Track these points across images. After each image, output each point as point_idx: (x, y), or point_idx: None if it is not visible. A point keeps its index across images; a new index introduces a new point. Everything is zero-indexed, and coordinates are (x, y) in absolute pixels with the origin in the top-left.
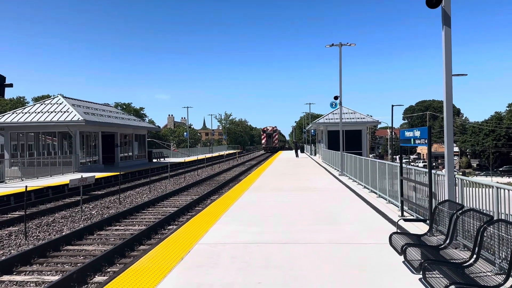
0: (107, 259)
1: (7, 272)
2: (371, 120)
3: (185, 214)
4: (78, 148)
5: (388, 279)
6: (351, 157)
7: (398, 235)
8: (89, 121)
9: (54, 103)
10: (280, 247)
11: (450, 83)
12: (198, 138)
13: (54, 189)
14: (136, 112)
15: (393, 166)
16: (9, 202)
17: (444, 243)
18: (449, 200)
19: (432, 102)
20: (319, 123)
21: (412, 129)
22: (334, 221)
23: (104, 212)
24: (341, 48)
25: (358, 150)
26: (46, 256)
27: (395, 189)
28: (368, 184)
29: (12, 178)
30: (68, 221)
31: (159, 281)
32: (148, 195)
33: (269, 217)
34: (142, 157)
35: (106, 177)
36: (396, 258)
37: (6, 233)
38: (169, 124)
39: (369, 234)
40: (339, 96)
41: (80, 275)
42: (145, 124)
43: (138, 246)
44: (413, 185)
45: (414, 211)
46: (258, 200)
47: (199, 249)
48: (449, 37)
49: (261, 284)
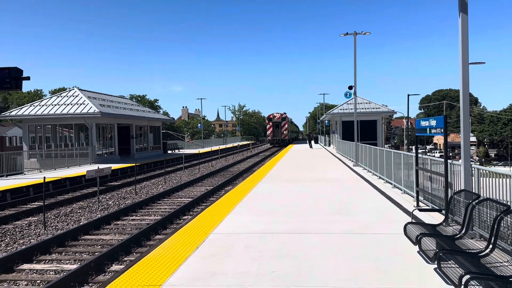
0: (124, 248)
1: (27, 260)
2: (386, 110)
3: (199, 204)
4: (95, 140)
5: (403, 269)
6: (366, 147)
7: (413, 225)
8: (104, 113)
9: (70, 96)
10: (294, 237)
11: (467, 71)
12: (212, 130)
13: (72, 180)
14: (150, 104)
15: (408, 156)
16: (28, 193)
17: (460, 233)
18: (465, 190)
19: (449, 91)
20: (333, 113)
21: (428, 118)
22: (349, 211)
23: (120, 203)
24: (355, 37)
25: (373, 140)
26: (65, 246)
27: (410, 179)
28: (383, 175)
29: (31, 169)
30: (86, 212)
31: (175, 270)
32: (163, 186)
33: (283, 207)
34: (157, 148)
35: (122, 168)
36: (411, 248)
37: (26, 223)
38: (183, 115)
39: (383, 224)
40: (354, 86)
41: (97, 264)
42: (159, 116)
43: (154, 235)
44: (428, 175)
45: (429, 201)
46: (272, 190)
47: (214, 238)
48: (465, 24)
49: (275, 273)
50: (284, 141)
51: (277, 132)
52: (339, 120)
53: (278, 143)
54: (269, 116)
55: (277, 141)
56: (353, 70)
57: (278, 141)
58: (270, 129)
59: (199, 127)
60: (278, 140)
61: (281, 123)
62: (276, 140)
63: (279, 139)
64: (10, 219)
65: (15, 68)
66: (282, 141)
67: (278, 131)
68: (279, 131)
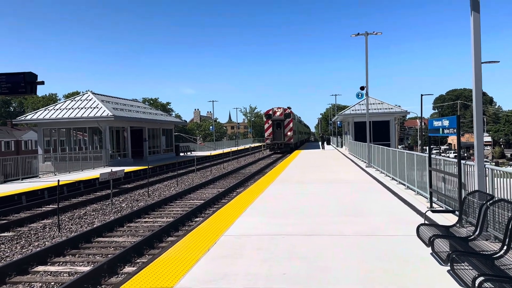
0: (136, 250)
1: (42, 262)
2: (399, 110)
3: (211, 206)
4: (108, 143)
5: (416, 271)
6: (378, 148)
7: (426, 227)
8: (118, 117)
9: (84, 100)
10: (305, 239)
11: (479, 71)
12: (223, 132)
13: (86, 183)
14: (163, 107)
15: (421, 157)
16: (43, 196)
17: (473, 235)
18: (479, 191)
19: (464, 90)
20: (345, 114)
21: (441, 118)
22: (361, 212)
23: (133, 205)
24: (367, 37)
25: (386, 141)
26: (78, 248)
27: (424, 180)
28: (396, 176)
29: (46, 172)
30: (99, 214)
31: (186, 271)
32: (175, 188)
33: (294, 209)
34: (170, 151)
35: (135, 171)
36: (424, 250)
37: (40, 226)
38: (195, 118)
39: (396, 226)
40: (366, 86)
41: (110, 266)
42: (172, 119)
43: (166, 237)
44: (442, 176)
45: (443, 202)
46: (284, 192)
47: (225, 240)
48: (477, 23)
49: (286, 275)
50: (288, 145)
51: (278, 134)
52: (351, 121)
53: (280, 148)
54: (267, 112)
55: (278, 146)
56: (365, 70)
57: (280, 146)
58: (269, 130)
59: (211, 129)
60: (280, 145)
61: (283, 122)
62: (278, 144)
63: (282, 143)
64: (26, 222)
65: (29, 73)
66: (285, 146)
67: (280, 132)
68: (281, 132)
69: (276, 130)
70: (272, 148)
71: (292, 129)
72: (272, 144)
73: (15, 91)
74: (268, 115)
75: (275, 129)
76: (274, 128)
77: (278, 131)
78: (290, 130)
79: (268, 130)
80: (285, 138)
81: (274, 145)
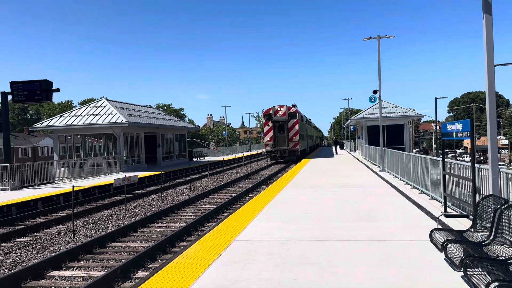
0: (149, 255)
1: (56, 267)
2: (413, 114)
3: (223, 211)
4: (122, 149)
5: (429, 276)
6: (392, 152)
7: (439, 231)
8: (132, 123)
9: (99, 106)
10: (317, 244)
11: (492, 73)
12: (236, 137)
13: (100, 188)
14: (176, 112)
15: (435, 161)
16: (59, 201)
17: (488, 239)
18: (493, 195)
19: (479, 93)
20: (358, 118)
21: (454, 122)
22: (374, 217)
23: (147, 210)
24: (379, 40)
25: (400, 145)
26: (93, 253)
27: (438, 184)
28: (410, 180)
29: (61, 178)
30: (113, 219)
31: (198, 276)
32: (188, 193)
33: (306, 214)
34: (183, 156)
35: (149, 176)
36: (438, 255)
37: (56, 231)
38: (208, 123)
39: (410, 231)
40: (379, 90)
41: (124, 271)
42: (185, 124)
43: (178, 242)
44: (456, 180)
45: (457, 206)
46: (296, 197)
47: (237, 245)
48: (490, 25)
49: (297, 280)
50: (293, 153)
51: (281, 139)
52: (364, 125)
53: (284, 156)
54: (266, 112)
55: (281, 154)
56: (378, 73)
57: (283, 154)
58: (270, 133)
59: (224, 134)
60: (282, 153)
61: (287, 123)
62: (280, 152)
63: (285, 150)
64: (41, 227)
65: (45, 81)
66: (290, 154)
67: (283, 136)
68: (284, 136)
69: (278, 134)
70: (274, 157)
71: (298, 132)
72: (273, 152)
73: (32, 98)
74: (268, 116)
75: (276, 132)
76: (276, 132)
77: (281, 136)
78: (296, 133)
79: (268, 134)
80: (289, 143)
81: (275, 152)
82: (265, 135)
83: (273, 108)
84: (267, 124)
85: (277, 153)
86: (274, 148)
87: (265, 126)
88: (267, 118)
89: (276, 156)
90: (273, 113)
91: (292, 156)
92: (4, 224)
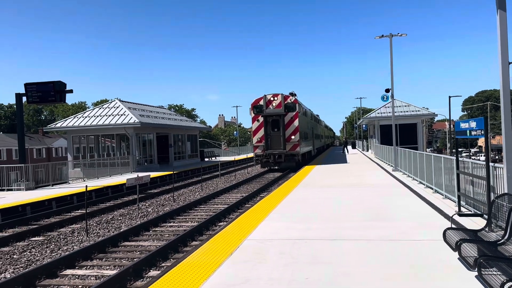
0: (161, 254)
1: (70, 266)
2: (426, 112)
3: (235, 211)
4: (135, 149)
5: (442, 276)
6: (405, 152)
7: (453, 231)
8: (144, 123)
9: (111, 107)
10: (328, 244)
11: (507, 71)
12: (248, 137)
13: (113, 188)
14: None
15: (449, 160)
16: (72, 201)
17: (503, 239)
18: (508, 194)
19: (494, 91)
20: (371, 117)
21: (468, 120)
22: (386, 217)
23: (159, 210)
24: (391, 39)
25: (413, 144)
26: (105, 252)
27: (452, 183)
28: (423, 179)
29: (75, 178)
30: (126, 219)
31: (209, 275)
32: (200, 193)
33: (317, 214)
34: (195, 156)
35: (161, 176)
36: (451, 255)
37: (69, 230)
38: (219, 123)
39: (423, 230)
40: (391, 88)
41: (136, 270)
42: (196, 125)
43: (190, 241)
44: (470, 179)
45: (472, 206)
46: (307, 196)
47: (248, 245)
48: (504, 22)
49: (308, 280)
50: (292, 157)
51: (275, 139)
52: (376, 124)
53: (279, 162)
54: (255, 103)
55: (275, 159)
56: (390, 72)
57: (277, 159)
58: (260, 131)
59: (235, 134)
60: (277, 157)
61: (283, 117)
62: (275, 156)
63: (282, 154)
64: (55, 227)
65: (58, 82)
66: (288, 159)
67: (277, 136)
68: (279, 135)
69: (271, 132)
70: (266, 163)
71: (298, 129)
72: (265, 156)
73: (45, 100)
74: (257, 108)
75: (269, 130)
76: (268, 129)
77: (275, 134)
78: (295, 131)
79: (257, 132)
80: (286, 145)
81: (268, 157)
82: (253, 134)
83: (264, 98)
84: (256, 120)
85: (270, 157)
86: (266, 152)
87: (254, 122)
88: (256, 111)
89: (269, 162)
90: (264, 104)
91: (290, 161)
92: (19, 224)
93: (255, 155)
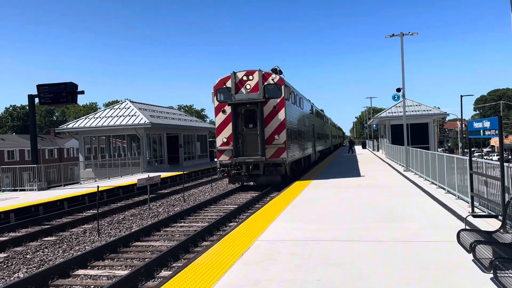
0: (172, 255)
1: (82, 266)
2: (438, 112)
3: (245, 211)
4: (146, 150)
5: (456, 278)
6: (416, 152)
7: (467, 232)
8: (154, 124)
9: (122, 108)
10: (340, 245)
11: None
12: None
13: (124, 188)
14: (197, 113)
15: (462, 160)
16: (84, 201)
17: None
18: None
19: (507, 90)
20: (381, 117)
21: (481, 119)
22: (398, 218)
23: (170, 210)
24: (402, 38)
25: (424, 144)
26: (117, 252)
27: (464, 184)
28: (436, 180)
29: (86, 179)
30: (137, 219)
31: (220, 276)
32: (210, 193)
33: (329, 214)
34: (204, 156)
35: (171, 176)
36: (465, 257)
37: (81, 231)
38: None
39: (435, 232)
40: (402, 88)
41: (147, 270)
42: (206, 125)
43: (201, 242)
44: (484, 180)
45: (485, 206)
46: (318, 197)
47: (259, 245)
48: None
49: (320, 281)
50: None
51: (249, 139)
52: (387, 124)
53: (255, 175)
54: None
55: (249, 171)
56: (401, 71)
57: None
58: (226, 128)
59: None
60: (252, 167)
61: (262, 106)
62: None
63: (258, 163)
64: (67, 227)
65: (70, 83)
66: (269, 170)
67: (252, 135)
68: (255, 135)
69: (243, 129)
70: (235, 177)
71: (283, 125)
72: (233, 166)
73: (57, 101)
74: (223, 92)
75: (240, 126)
76: (239, 125)
77: (250, 133)
78: (280, 128)
79: (223, 129)
80: (266, 149)
81: (238, 167)
82: (217, 132)
83: (233, 77)
84: (221, 110)
85: (241, 168)
86: (236, 159)
87: (218, 113)
88: (221, 97)
89: (239, 176)
90: (233, 86)
91: (272, 174)
92: (32, 224)
93: (219, 164)
